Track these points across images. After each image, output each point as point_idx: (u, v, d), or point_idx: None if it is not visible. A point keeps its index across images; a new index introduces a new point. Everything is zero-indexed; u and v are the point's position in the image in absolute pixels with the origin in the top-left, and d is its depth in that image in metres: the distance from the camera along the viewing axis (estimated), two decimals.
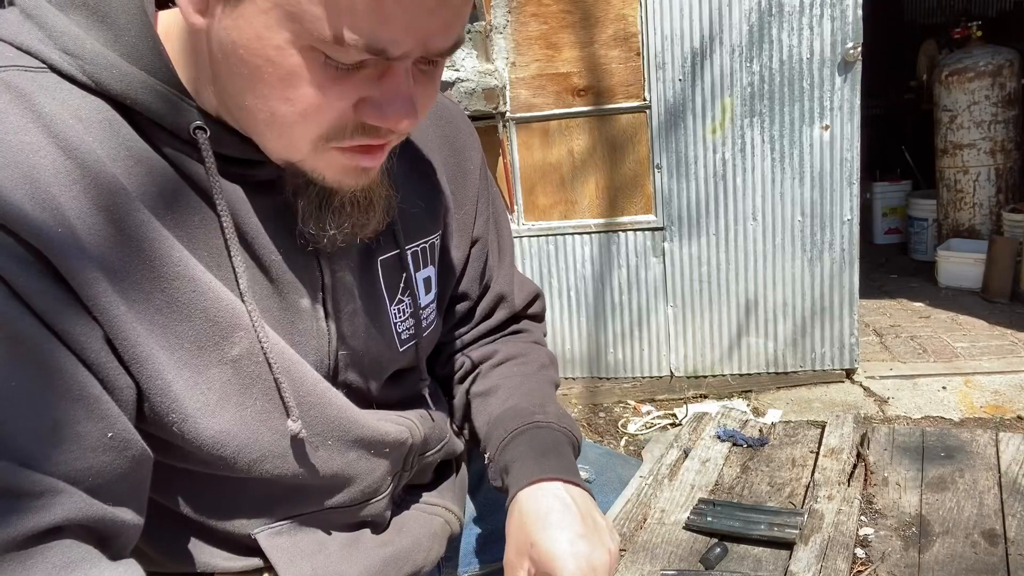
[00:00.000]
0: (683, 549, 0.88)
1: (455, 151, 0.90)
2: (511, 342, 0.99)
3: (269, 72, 0.57)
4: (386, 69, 0.59)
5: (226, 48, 0.58)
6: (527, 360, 0.96)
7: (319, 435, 0.74)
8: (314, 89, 0.57)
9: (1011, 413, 2.91)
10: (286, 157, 0.64)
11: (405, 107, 0.60)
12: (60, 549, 0.57)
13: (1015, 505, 0.90)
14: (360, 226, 0.71)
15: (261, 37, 0.56)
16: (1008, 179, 4.40)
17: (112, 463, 0.60)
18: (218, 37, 0.58)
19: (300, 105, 0.58)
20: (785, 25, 2.91)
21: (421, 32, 0.56)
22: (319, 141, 0.62)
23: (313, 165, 0.64)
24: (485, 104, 3.01)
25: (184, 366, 0.64)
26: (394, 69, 0.59)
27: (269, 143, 0.64)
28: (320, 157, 0.63)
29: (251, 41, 0.56)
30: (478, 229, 0.93)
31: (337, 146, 0.62)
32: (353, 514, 0.82)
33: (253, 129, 0.63)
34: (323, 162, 0.64)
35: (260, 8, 0.55)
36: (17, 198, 0.54)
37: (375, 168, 0.67)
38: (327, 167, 0.65)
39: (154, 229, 0.61)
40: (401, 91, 0.59)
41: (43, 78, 0.60)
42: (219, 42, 0.58)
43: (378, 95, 0.59)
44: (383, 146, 0.65)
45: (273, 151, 0.64)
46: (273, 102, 0.59)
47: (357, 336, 0.78)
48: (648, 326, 3.32)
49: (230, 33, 0.57)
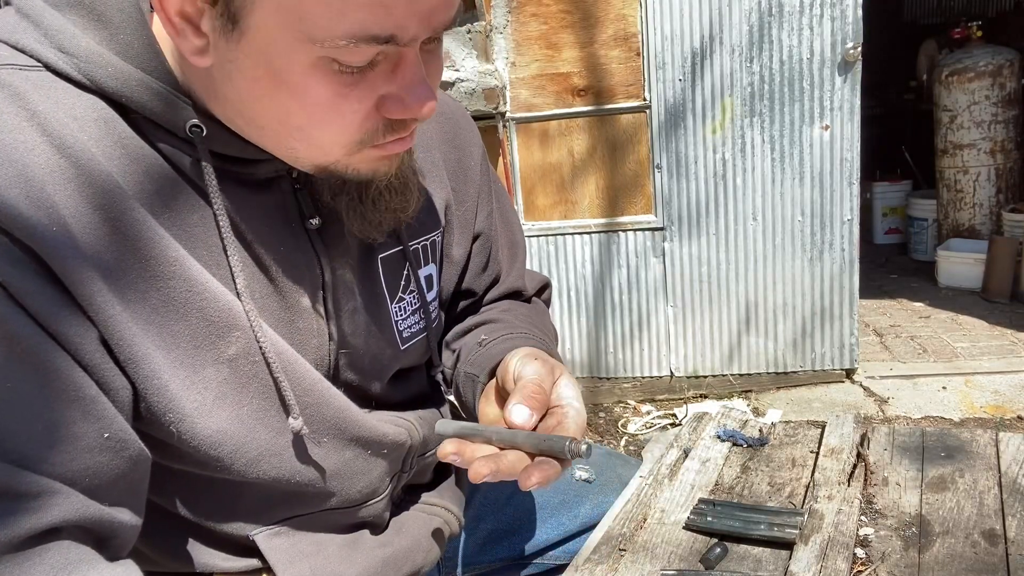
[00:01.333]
0: (683, 549, 0.88)
1: (456, 148, 0.90)
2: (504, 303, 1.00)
3: (285, 93, 0.58)
4: (397, 60, 0.59)
5: (236, 78, 0.59)
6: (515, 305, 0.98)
7: (317, 434, 0.74)
8: (332, 99, 0.58)
9: (1011, 413, 2.90)
10: (319, 163, 0.65)
11: (425, 92, 0.61)
12: (57, 550, 0.57)
13: (1015, 505, 0.90)
14: (400, 210, 0.73)
15: (272, 62, 0.56)
16: (1008, 179, 4.40)
17: (109, 463, 0.60)
18: (226, 71, 0.59)
19: (323, 118, 0.59)
20: (785, 25, 2.91)
21: (424, 9, 0.56)
22: (353, 147, 0.63)
23: (347, 164, 0.65)
24: (485, 104, 3.00)
25: (180, 365, 0.64)
26: (405, 58, 0.59)
27: (299, 155, 0.64)
28: (354, 158, 0.64)
29: (262, 67, 0.57)
30: (479, 224, 0.93)
31: (368, 146, 0.63)
32: (352, 515, 0.82)
33: (277, 145, 0.64)
34: (357, 160, 0.65)
35: (265, 33, 0.55)
36: (11, 197, 0.54)
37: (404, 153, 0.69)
38: (362, 163, 0.66)
39: (150, 228, 0.61)
40: (416, 79, 0.60)
41: (38, 76, 0.60)
42: (228, 75, 0.59)
43: (396, 89, 0.60)
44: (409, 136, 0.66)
45: (304, 161, 0.65)
46: (297, 119, 0.60)
47: (358, 334, 0.78)
48: (648, 326, 3.32)
49: (238, 64, 0.57)
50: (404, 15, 0.55)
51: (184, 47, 0.58)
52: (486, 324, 0.93)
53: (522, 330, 0.88)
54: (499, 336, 0.86)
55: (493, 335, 0.87)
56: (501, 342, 0.84)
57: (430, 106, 0.61)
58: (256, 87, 0.58)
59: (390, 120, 0.62)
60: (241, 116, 0.63)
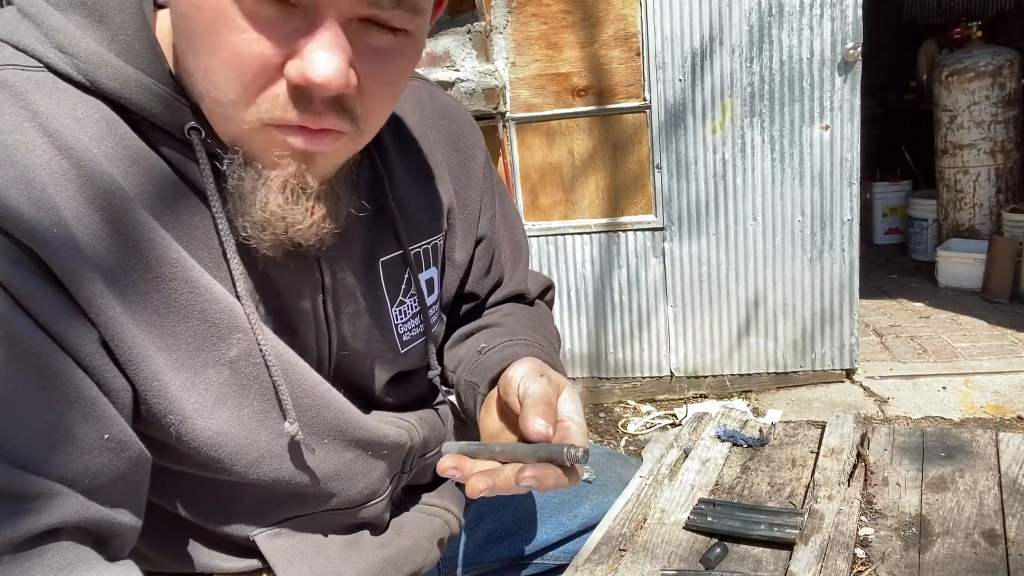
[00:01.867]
0: (683, 549, 0.88)
1: (458, 150, 0.89)
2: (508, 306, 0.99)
3: (197, 21, 0.56)
4: (314, 19, 0.55)
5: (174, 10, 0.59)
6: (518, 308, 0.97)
7: (317, 436, 0.74)
8: (238, 34, 0.55)
9: (1011, 413, 2.90)
10: (229, 132, 0.61)
11: (332, 61, 0.55)
12: (57, 551, 0.57)
13: (1015, 505, 0.90)
14: (292, 224, 0.64)
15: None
16: (1008, 179, 4.40)
17: (109, 465, 0.60)
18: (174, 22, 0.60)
19: (226, 54, 0.56)
20: (785, 25, 2.91)
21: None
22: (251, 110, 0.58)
23: (251, 144, 0.61)
24: (485, 104, 3.00)
25: (181, 367, 0.64)
26: (323, 21, 0.55)
27: (213, 115, 0.61)
28: (257, 135, 0.60)
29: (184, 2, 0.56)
30: (482, 228, 0.92)
31: (271, 122, 0.59)
32: (352, 516, 0.82)
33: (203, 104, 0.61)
34: (260, 141, 0.61)
35: None
36: (12, 198, 0.54)
37: (316, 156, 0.62)
38: (264, 146, 0.61)
39: (151, 229, 0.61)
40: (326, 43, 0.55)
41: (39, 77, 0.60)
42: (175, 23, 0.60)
43: (303, 46, 0.55)
44: (323, 132, 0.60)
45: (218, 124, 0.62)
46: (203, 56, 0.57)
47: (358, 338, 0.78)
48: (648, 326, 3.32)
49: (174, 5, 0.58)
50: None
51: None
52: (487, 329, 0.92)
53: (522, 336, 0.87)
54: (499, 343, 0.86)
55: (493, 342, 0.86)
56: (501, 350, 0.84)
57: (334, 81, 0.55)
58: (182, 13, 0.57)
59: (295, 92, 0.57)
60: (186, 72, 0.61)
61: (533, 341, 0.87)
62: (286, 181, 0.62)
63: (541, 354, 0.82)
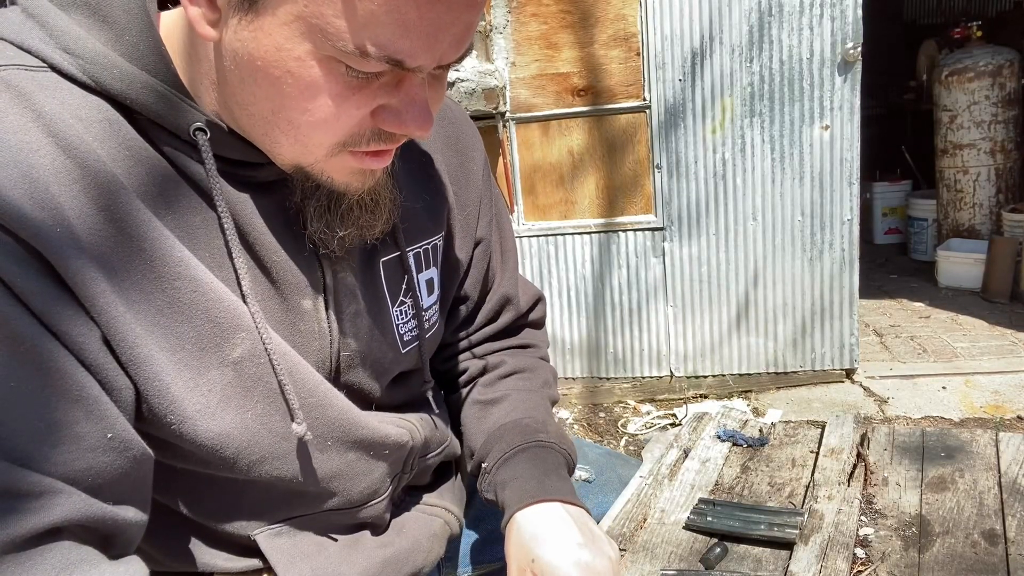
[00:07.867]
0: (683, 549, 0.88)
1: (458, 152, 0.90)
2: (519, 355, 0.99)
3: (289, 83, 0.58)
4: (403, 77, 0.60)
5: (240, 59, 0.58)
6: (532, 376, 0.97)
7: (319, 436, 0.74)
8: (334, 99, 0.58)
9: (1011, 413, 2.90)
10: (297, 162, 0.65)
11: (423, 114, 0.61)
12: (59, 550, 0.57)
13: (1015, 505, 0.90)
14: (367, 228, 0.72)
15: (281, 49, 0.56)
16: (1008, 179, 4.40)
17: (112, 463, 0.60)
18: (232, 48, 0.58)
19: (319, 115, 0.59)
20: (785, 25, 2.91)
21: (437, 46, 0.57)
22: (335, 147, 0.63)
23: (323, 168, 0.65)
24: (485, 104, 3.00)
25: (184, 367, 0.64)
26: (411, 77, 0.60)
27: (282, 149, 0.64)
28: (332, 161, 0.64)
29: (270, 53, 0.56)
30: (481, 230, 0.93)
31: (352, 150, 0.63)
32: (353, 515, 0.82)
33: (262, 135, 0.64)
34: (333, 166, 0.65)
35: (281, 20, 0.55)
36: (16, 197, 0.54)
37: (381, 170, 0.69)
38: (337, 170, 0.65)
39: (154, 229, 0.61)
40: (418, 98, 0.61)
41: (43, 77, 0.60)
42: (233, 53, 0.58)
43: (396, 103, 0.61)
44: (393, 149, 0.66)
45: (284, 156, 0.65)
46: (291, 112, 0.60)
47: (359, 337, 0.78)
48: (648, 326, 3.32)
49: (246, 45, 0.57)
50: (421, 46, 0.55)
51: (194, 15, 0.58)
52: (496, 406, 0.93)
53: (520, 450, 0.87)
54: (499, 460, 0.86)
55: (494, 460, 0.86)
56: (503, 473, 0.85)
57: (426, 129, 0.62)
58: (258, 72, 0.58)
59: (379, 129, 0.62)
60: (234, 99, 0.62)
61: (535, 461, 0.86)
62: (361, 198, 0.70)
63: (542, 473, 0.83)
